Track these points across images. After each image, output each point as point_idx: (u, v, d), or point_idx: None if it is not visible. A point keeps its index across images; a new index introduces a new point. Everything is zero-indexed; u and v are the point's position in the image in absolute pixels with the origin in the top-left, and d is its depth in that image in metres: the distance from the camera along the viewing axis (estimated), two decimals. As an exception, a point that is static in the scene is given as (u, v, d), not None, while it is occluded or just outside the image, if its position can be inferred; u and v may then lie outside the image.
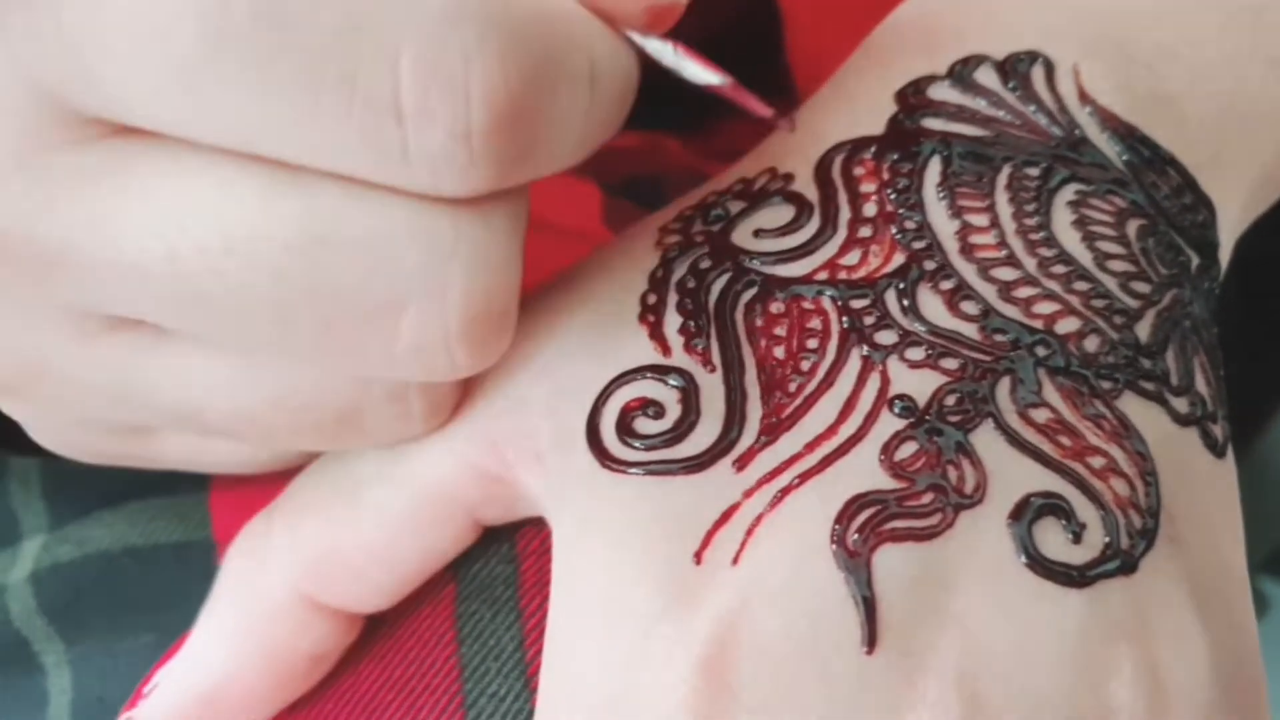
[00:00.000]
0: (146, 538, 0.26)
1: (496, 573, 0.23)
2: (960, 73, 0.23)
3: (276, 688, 0.22)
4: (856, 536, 0.18)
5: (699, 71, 0.20)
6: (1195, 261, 0.23)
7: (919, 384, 0.20)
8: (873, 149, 0.22)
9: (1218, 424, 0.22)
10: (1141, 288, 0.21)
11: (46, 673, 0.27)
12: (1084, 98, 0.23)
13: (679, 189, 0.38)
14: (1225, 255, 0.24)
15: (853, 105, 0.23)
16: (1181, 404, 0.21)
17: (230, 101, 0.16)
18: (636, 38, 0.19)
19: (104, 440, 0.23)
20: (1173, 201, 0.23)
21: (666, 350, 0.21)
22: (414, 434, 0.21)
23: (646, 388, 0.20)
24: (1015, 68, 0.23)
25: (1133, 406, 0.21)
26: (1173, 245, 0.22)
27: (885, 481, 0.19)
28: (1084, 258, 0.21)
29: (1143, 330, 0.21)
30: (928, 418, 0.19)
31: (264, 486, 0.24)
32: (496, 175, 0.17)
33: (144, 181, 0.17)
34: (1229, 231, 0.24)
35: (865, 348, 0.20)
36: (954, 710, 0.18)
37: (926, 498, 0.19)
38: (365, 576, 0.22)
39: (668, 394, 0.20)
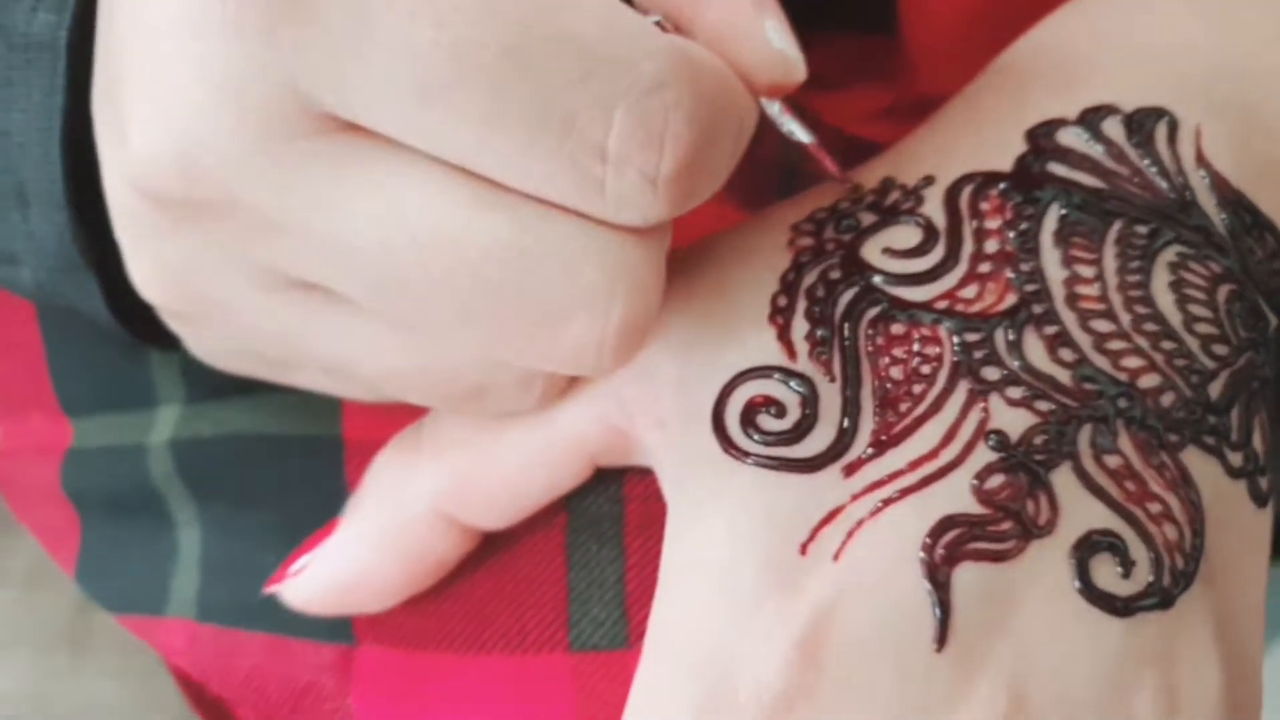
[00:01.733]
0: (279, 428, 0.29)
1: (604, 510, 0.26)
2: (1090, 120, 0.25)
3: (407, 584, 0.25)
4: (943, 551, 0.21)
5: (795, 128, 0.24)
6: (1275, 323, 0.25)
7: (1014, 421, 0.22)
8: (1000, 186, 0.24)
9: (1265, 476, 0.25)
10: (1220, 350, 0.24)
11: (179, 527, 0.30)
12: (1201, 160, 0.25)
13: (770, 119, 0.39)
14: None
15: (982, 132, 0.25)
16: (1237, 458, 0.24)
17: (463, 125, 0.19)
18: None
19: (250, 364, 0.25)
20: (1264, 266, 0.25)
21: (793, 354, 0.23)
22: (527, 410, 0.24)
23: (772, 387, 0.23)
24: (1141, 123, 0.25)
25: (1194, 459, 0.23)
26: (1256, 310, 0.25)
27: (973, 506, 0.22)
28: (1174, 318, 0.24)
29: (1215, 389, 0.24)
30: (1016, 453, 0.22)
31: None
32: (670, 211, 0.20)
33: (372, 175, 0.20)
34: None
35: (972, 381, 0.23)
36: (1000, 706, 0.21)
37: (1006, 525, 0.22)
38: (496, 501, 0.25)
39: (790, 396, 0.23)
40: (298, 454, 0.29)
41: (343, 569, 0.26)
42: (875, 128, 0.40)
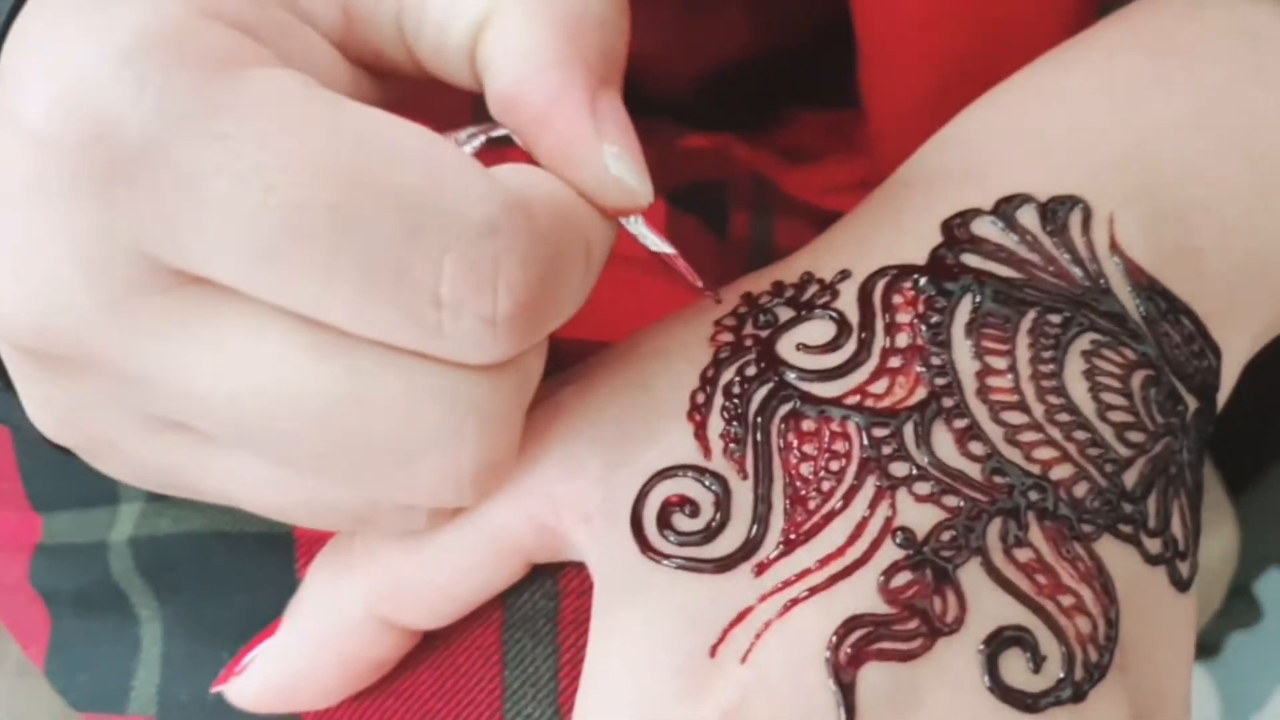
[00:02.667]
0: (234, 524, 0.30)
1: (540, 607, 0.26)
2: (1004, 211, 0.25)
3: (347, 685, 0.26)
4: (848, 651, 0.22)
5: (654, 240, 0.24)
6: (1193, 408, 0.25)
7: (921, 518, 0.23)
8: (914, 279, 0.25)
9: (1186, 560, 0.25)
10: (1136, 437, 0.24)
11: (141, 623, 0.31)
12: (1114, 247, 0.25)
13: (744, 194, 0.40)
14: (1230, 386, 0.27)
15: (899, 224, 0.26)
16: (1154, 544, 0.24)
17: (300, 279, 0.19)
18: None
19: (157, 486, 0.26)
20: (1182, 350, 0.25)
21: (708, 452, 0.24)
22: (419, 531, 0.24)
23: (687, 485, 0.23)
24: (1055, 211, 0.25)
25: (1108, 548, 0.23)
26: (1174, 394, 0.25)
27: (879, 605, 0.22)
28: (1087, 407, 0.24)
29: (1130, 477, 0.24)
30: (924, 551, 0.22)
31: None
32: (512, 348, 0.21)
33: (220, 328, 0.20)
34: (1235, 365, 0.27)
35: (880, 477, 0.23)
36: None
37: (912, 624, 0.22)
38: (430, 604, 0.25)
39: (704, 494, 0.23)
40: (252, 550, 0.30)
41: (283, 671, 0.26)
42: (847, 199, 0.41)
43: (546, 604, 0.26)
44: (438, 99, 0.31)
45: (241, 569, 0.29)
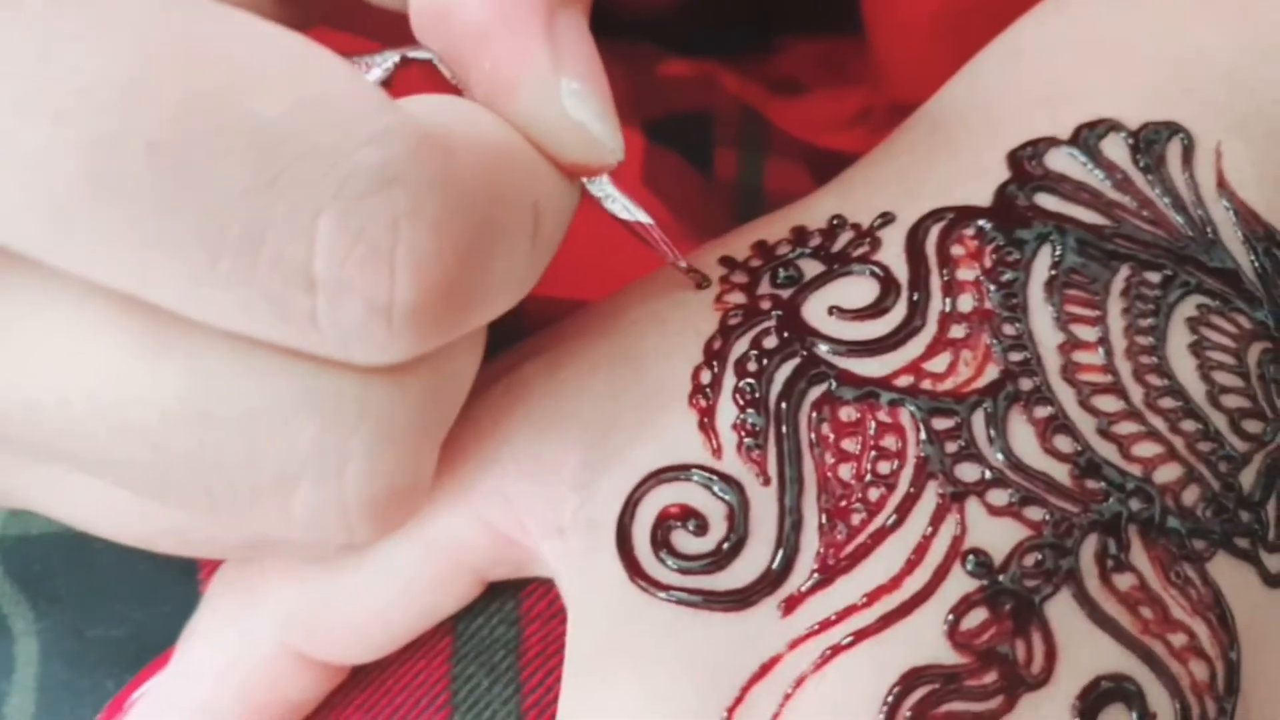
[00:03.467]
0: None
1: (498, 635, 0.21)
2: (1086, 140, 0.20)
3: None
4: (909, 715, 0.17)
5: (625, 205, 0.19)
6: None
7: (998, 536, 0.18)
8: (978, 225, 0.19)
9: None
10: (1253, 427, 0.19)
11: (15, 639, 0.25)
12: (1222, 186, 0.20)
13: (731, 130, 0.34)
14: None
15: (953, 156, 0.20)
16: (1275, 562, 0.19)
17: (113, 249, 0.14)
18: None
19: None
20: None
21: (718, 450, 0.18)
22: (330, 554, 0.19)
23: (690, 493, 0.18)
24: (1149, 142, 0.20)
25: (1224, 569, 0.19)
26: None
27: (948, 654, 0.17)
28: (1196, 390, 0.19)
29: (1247, 477, 0.19)
30: (1001, 580, 0.17)
31: None
32: (418, 346, 0.15)
33: (41, 316, 0.15)
34: None
35: (944, 483, 0.18)
36: None
37: (990, 676, 0.17)
38: (360, 632, 0.20)
39: (713, 506, 0.18)
40: (146, 555, 0.24)
41: (175, 713, 0.21)
42: (847, 136, 0.35)
43: (506, 631, 0.21)
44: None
45: (132, 578, 0.24)
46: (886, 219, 0.20)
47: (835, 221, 0.20)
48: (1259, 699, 0.19)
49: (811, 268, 0.20)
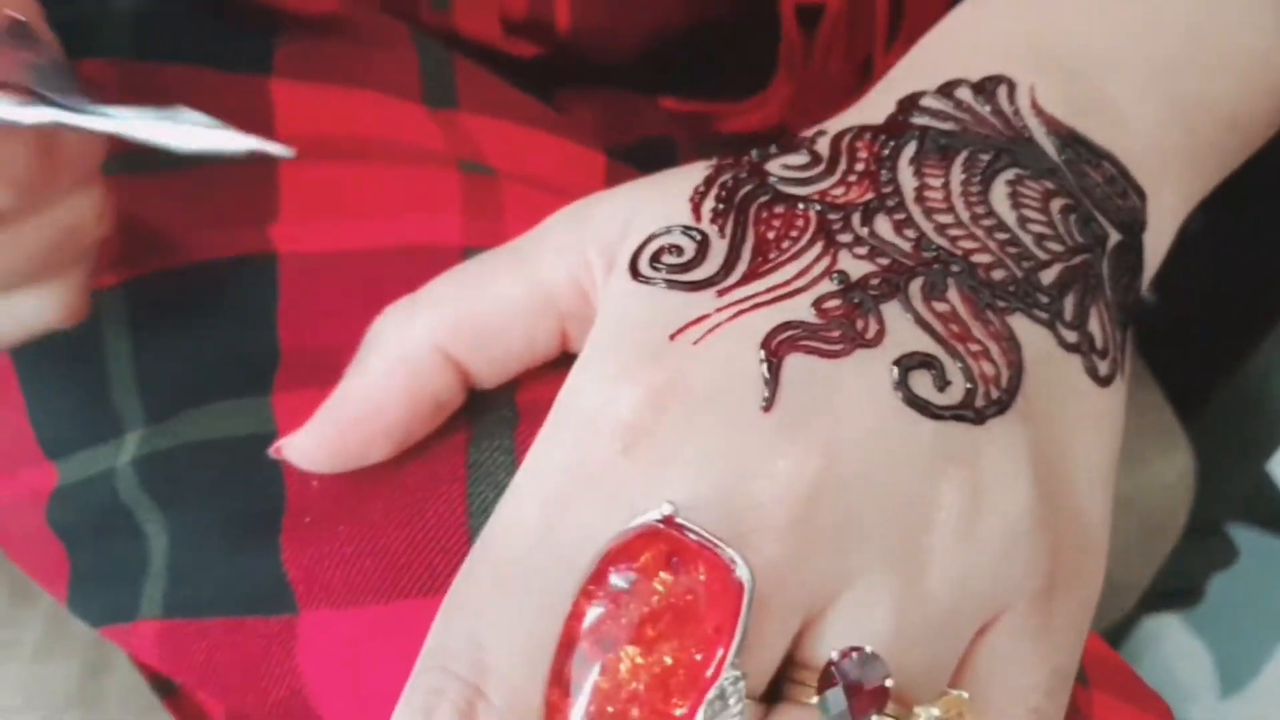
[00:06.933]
0: (224, 431, 0.33)
1: (499, 462, 0.30)
2: (944, 89, 0.31)
3: (408, 422, 0.29)
4: (779, 340, 0.27)
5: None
6: (1115, 238, 0.30)
7: (856, 267, 0.28)
8: (871, 133, 0.31)
9: (1106, 359, 0.28)
10: (1054, 246, 0.29)
11: (149, 538, 0.33)
12: (1034, 107, 0.31)
13: (692, 155, 0.45)
14: (1166, 236, 0.31)
15: (864, 105, 0.32)
16: (1070, 335, 0.28)
17: None
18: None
19: None
20: (1103, 188, 0.30)
21: (699, 219, 0.29)
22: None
23: (677, 238, 0.29)
24: (985, 86, 0.31)
25: (1022, 324, 0.27)
26: (1092, 221, 0.29)
27: (812, 318, 0.27)
28: (1009, 218, 0.29)
29: (1047, 276, 0.28)
30: (855, 288, 0.28)
31: (320, 390, 0.30)
32: None
33: None
34: (1171, 214, 0.31)
35: (827, 242, 0.28)
36: (813, 465, 0.25)
37: (836, 333, 0.27)
38: (486, 345, 0.29)
39: (689, 243, 0.29)
40: (241, 453, 0.32)
41: (348, 411, 0.29)
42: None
43: (506, 459, 0.31)
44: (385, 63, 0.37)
45: (229, 472, 0.32)
46: (821, 132, 0.31)
47: (785, 134, 0.31)
48: (1041, 412, 0.27)
49: (774, 150, 0.31)
